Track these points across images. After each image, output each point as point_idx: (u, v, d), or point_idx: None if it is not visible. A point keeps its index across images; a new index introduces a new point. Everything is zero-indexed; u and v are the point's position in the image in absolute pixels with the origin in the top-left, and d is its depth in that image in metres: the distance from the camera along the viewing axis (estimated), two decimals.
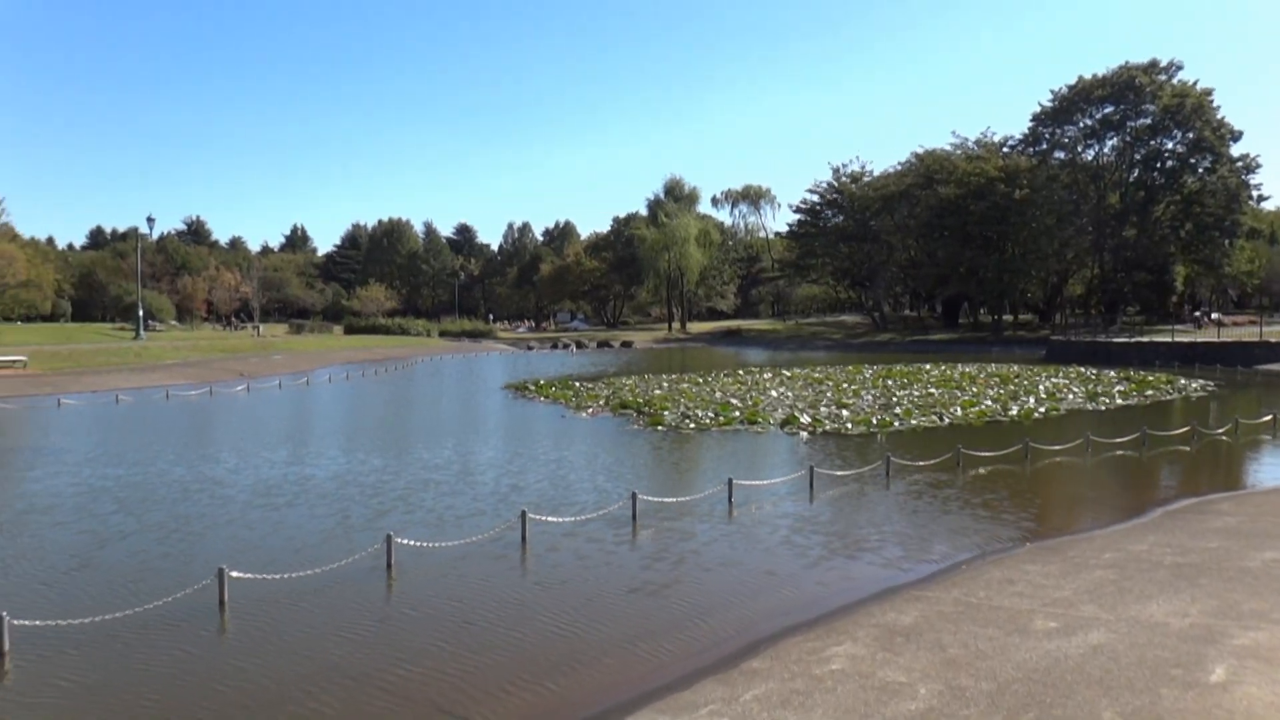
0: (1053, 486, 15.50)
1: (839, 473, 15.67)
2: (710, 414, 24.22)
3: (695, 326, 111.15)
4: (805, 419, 22.98)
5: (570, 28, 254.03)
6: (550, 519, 12.02)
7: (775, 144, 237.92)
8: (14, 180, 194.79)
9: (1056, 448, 18.14)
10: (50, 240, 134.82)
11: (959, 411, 24.63)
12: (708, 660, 7.41)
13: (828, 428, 22.03)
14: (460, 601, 9.00)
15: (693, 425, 22.80)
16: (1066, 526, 12.44)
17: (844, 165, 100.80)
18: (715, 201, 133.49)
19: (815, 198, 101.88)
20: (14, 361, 40.78)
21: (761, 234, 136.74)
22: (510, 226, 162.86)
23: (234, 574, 8.90)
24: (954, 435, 20.39)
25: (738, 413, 24.35)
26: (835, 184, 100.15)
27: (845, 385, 33.11)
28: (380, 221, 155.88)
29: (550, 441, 20.72)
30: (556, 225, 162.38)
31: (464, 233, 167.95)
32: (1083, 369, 41.22)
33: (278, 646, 7.79)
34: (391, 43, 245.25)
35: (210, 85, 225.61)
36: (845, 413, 24.29)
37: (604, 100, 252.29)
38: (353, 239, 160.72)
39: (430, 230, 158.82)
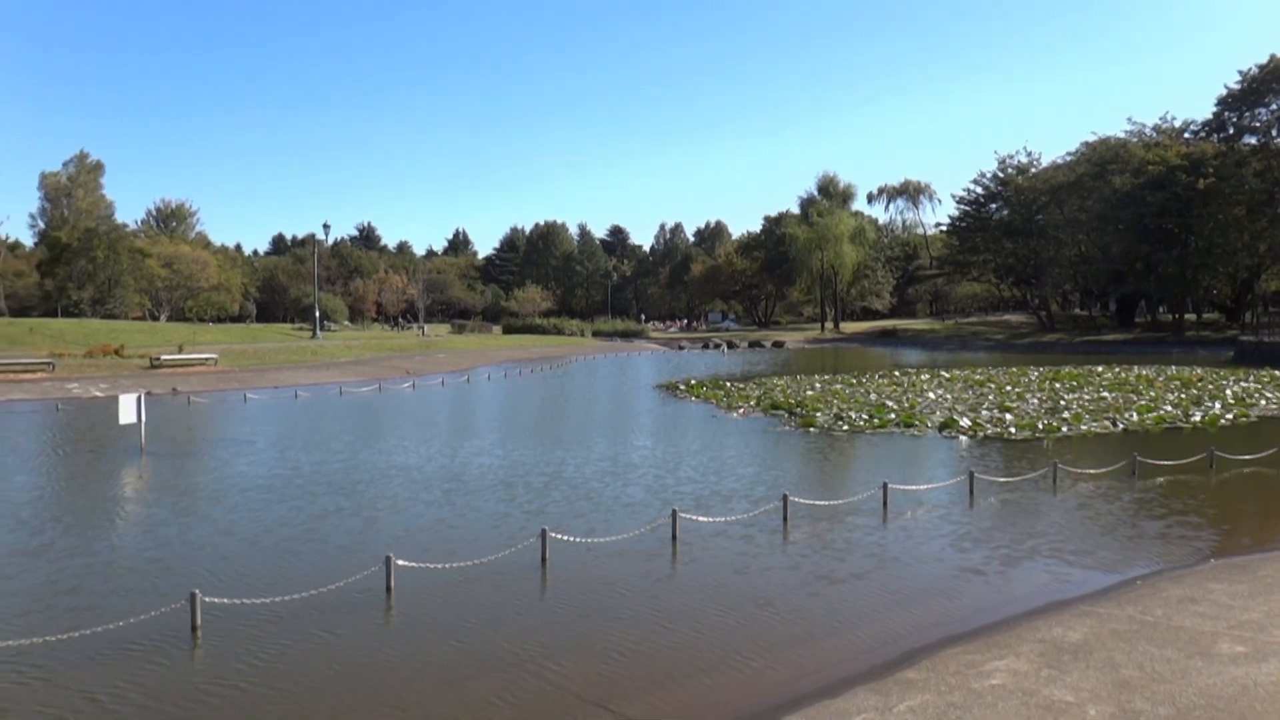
0: (1241, 499, 14.35)
1: (1001, 479, 15.02)
2: (864, 416, 23.68)
3: (849, 326, 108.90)
4: (965, 422, 22.14)
5: (722, 29, 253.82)
6: (700, 518, 12.06)
7: (934, 138, 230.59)
8: (206, 191, 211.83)
9: (1246, 457, 16.78)
10: (238, 247, 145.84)
11: (1135, 416, 23.14)
12: (860, 668, 7.26)
13: (989, 432, 21.15)
14: (612, 597, 9.15)
15: (846, 427, 22.36)
16: (1257, 543, 11.50)
17: (1010, 156, 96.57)
18: (871, 198, 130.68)
19: (979, 190, 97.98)
20: (207, 359, 44.21)
21: (919, 230, 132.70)
22: (662, 227, 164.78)
23: (400, 562, 9.36)
24: (1129, 442, 19.20)
25: (893, 415, 23.71)
26: (1000, 175, 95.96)
27: (1009, 387, 31.71)
28: (537, 224, 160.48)
29: (701, 441, 20.78)
30: (708, 225, 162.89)
31: (617, 234, 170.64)
32: (1278, 372, 37.97)
33: (438, 633, 8.14)
34: (548, 51, 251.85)
35: (380, 99, 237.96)
36: (1008, 416, 23.25)
37: (755, 99, 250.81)
38: (511, 242, 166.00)
39: (584, 232, 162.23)
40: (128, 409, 18.64)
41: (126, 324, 70.27)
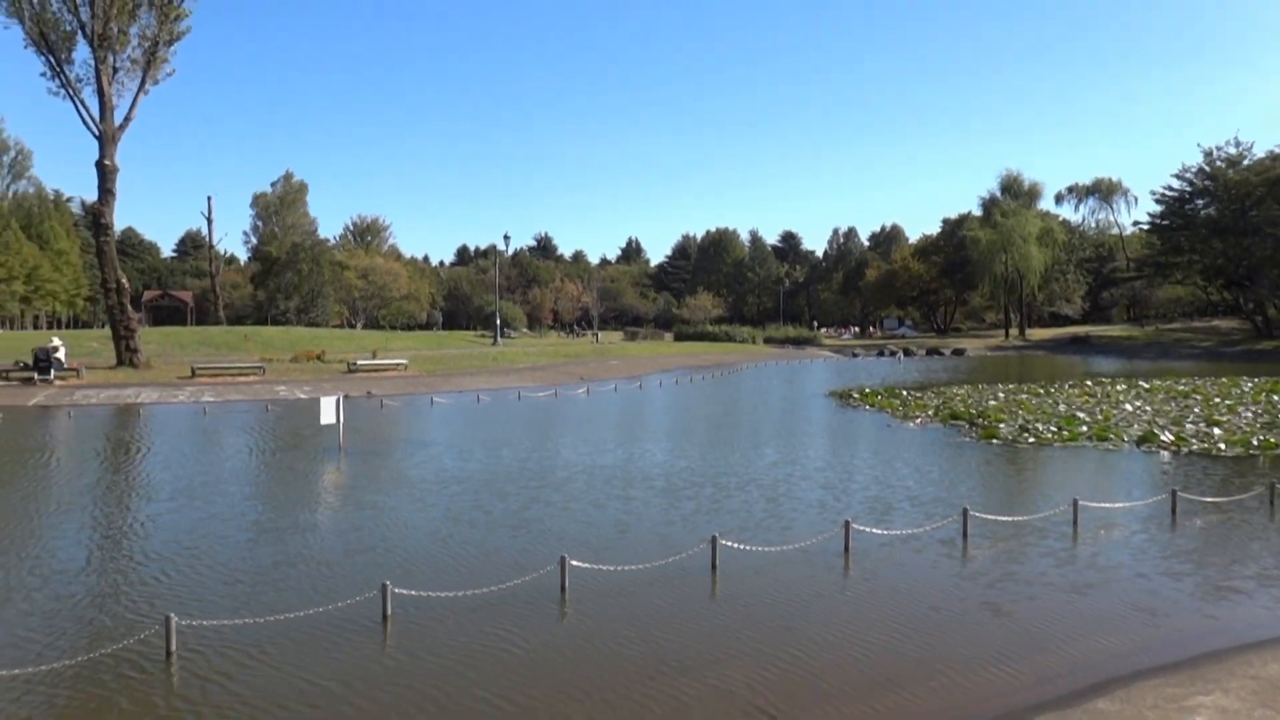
0: None
1: (1209, 498, 13.86)
2: (1052, 427, 22.41)
3: (1035, 333, 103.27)
4: (1166, 436, 20.56)
5: (897, 26, 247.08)
6: (874, 530, 11.76)
7: (1127, 132, 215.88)
8: (398, 206, 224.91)
9: None
10: (425, 258, 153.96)
11: None
12: (1046, 694, 6.88)
13: (1195, 447, 19.55)
14: (781, 606, 9.06)
15: (1031, 439, 21.22)
16: None
17: (1217, 148, 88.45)
18: (1059, 197, 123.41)
19: (1182, 185, 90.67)
20: (398, 364, 46.84)
21: (1114, 231, 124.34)
22: (835, 232, 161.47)
23: (574, 563, 9.61)
24: None
25: (1085, 427, 22.32)
26: (1206, 169, 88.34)
27: (1217, 399, 29.21)
28: (708, 231, 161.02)
29: (874, 451, 20.25)
30: (883, 229, 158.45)
31: (789, 240, 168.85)
32: None
33: (608, 636, 8.29)
34: (720, 58, 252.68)
35: (556, 113, 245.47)
36: (1217, 431, 21.43)
37: (931, 96, 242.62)
38: (682, 249, 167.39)
39: (756, 238, 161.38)
40: (328, 410, 20.00)
41: (327, 331, 75.44)
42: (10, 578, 10.21)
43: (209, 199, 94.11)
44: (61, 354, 39.06)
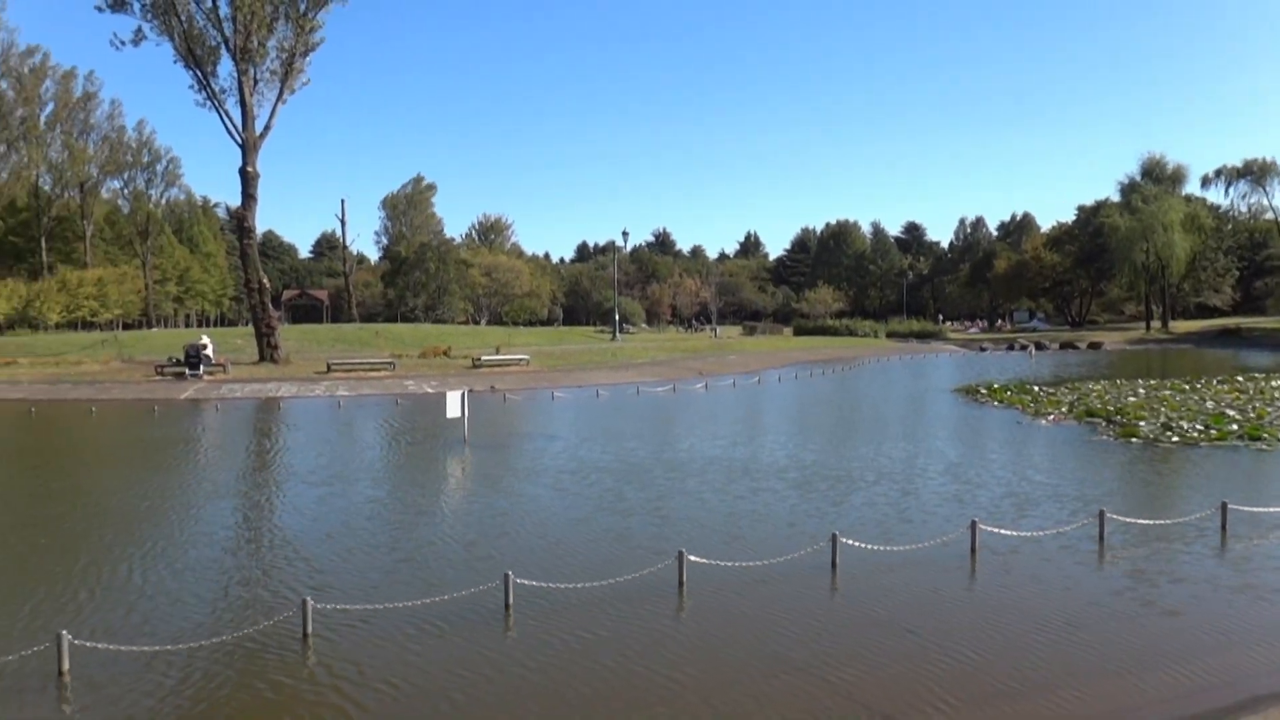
0: None
1: None
2: (1199, 426, 21.15)
3: (1179, 325, 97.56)
4: None
5: (1026, 10, 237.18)
6: (1003, 531, 11.36)
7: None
8: (520, 205, 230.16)
9: None
10: (546, 255, 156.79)
11: None
12: (1187, 710, 6.52)
13: None
14: (903, 608, 8.87)
15: (1175, 438, 20.08)
16: None
17: None
18: (1206, 180, 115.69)
19: None
20: (520, 360, 47.88)
21: (1268, 215, 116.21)
22: (962, 222, 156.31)
23: (692, 558, 9.64)
24: None
25: (1235, 426, 20.98)
26: None
27: None
28: (828, 224, 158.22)
29: (1004, 449, 19.58)
30: (1013, 218, 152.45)
31: (912, 231, 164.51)
32: None
33: (727, 631, 8.29)
34: (836, 49, 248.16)
35: (674, 109, 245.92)
36: None
37: (1066, 78, 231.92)
38: (801, 243, 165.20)
39: (877, 230, 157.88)
40: (454, 404, 20.64)
41: (453, 328, 77.68)
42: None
43: (342, 201, 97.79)
44: (210, 351, 41.62)
